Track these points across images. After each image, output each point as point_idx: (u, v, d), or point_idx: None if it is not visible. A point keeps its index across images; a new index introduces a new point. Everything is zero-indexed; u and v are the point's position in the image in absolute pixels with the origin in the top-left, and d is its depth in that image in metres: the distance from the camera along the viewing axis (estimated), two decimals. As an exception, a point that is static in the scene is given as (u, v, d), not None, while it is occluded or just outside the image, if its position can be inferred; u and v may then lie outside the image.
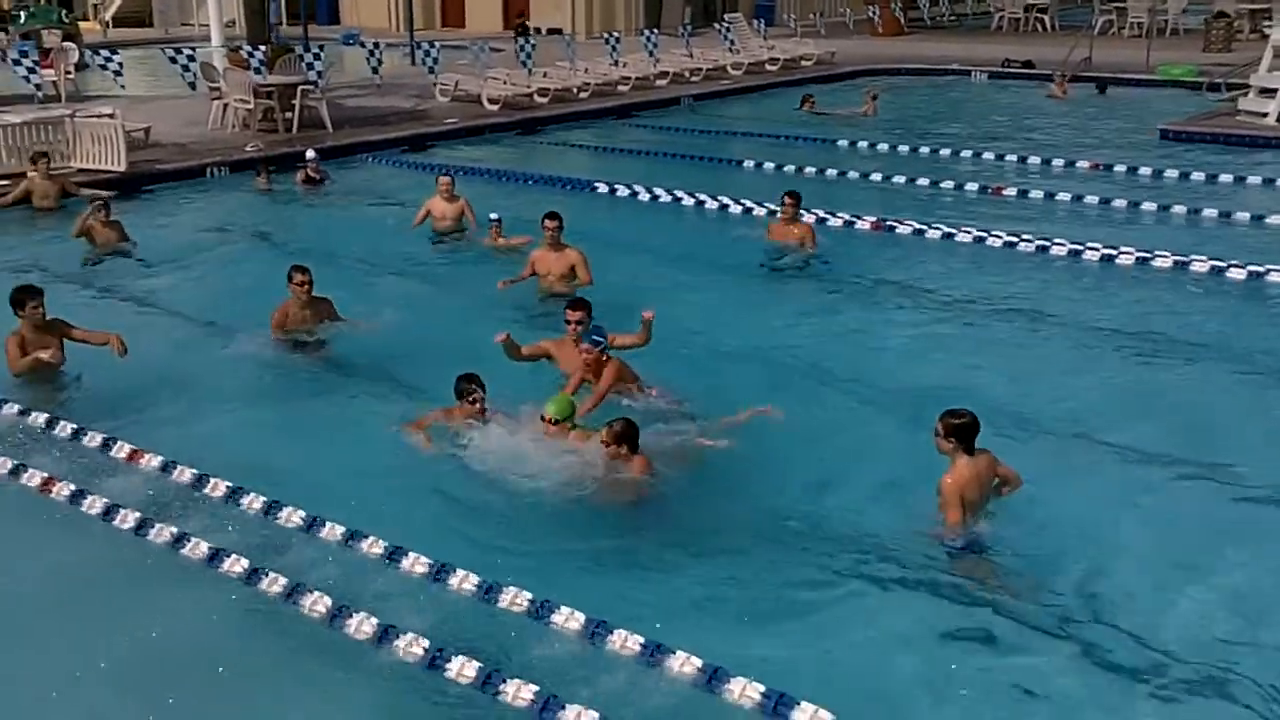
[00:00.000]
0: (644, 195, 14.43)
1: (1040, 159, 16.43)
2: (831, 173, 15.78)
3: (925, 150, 17.32)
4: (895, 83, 25.06)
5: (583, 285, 10.07)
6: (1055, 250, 11.58)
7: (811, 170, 15.90)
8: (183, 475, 6.90)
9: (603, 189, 14.76)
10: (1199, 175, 14.96)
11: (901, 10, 35.17)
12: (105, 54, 17.40)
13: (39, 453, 7.28)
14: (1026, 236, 11.97)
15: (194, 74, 18.25)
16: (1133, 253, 11.29)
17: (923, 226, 12.52)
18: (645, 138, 19.11)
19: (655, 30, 26.04)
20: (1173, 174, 15.08)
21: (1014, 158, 16.59)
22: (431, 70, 21.34)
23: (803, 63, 27.03)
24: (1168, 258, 11.09)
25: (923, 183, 15.01)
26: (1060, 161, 16.18)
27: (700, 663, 5.06)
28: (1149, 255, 11.19)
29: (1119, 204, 13.68)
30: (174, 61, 18.14)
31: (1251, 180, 14.78)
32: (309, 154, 15.16)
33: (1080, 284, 10.96)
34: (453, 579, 5.78)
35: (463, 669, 5.07)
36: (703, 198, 14.03)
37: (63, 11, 29.90)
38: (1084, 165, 15.85)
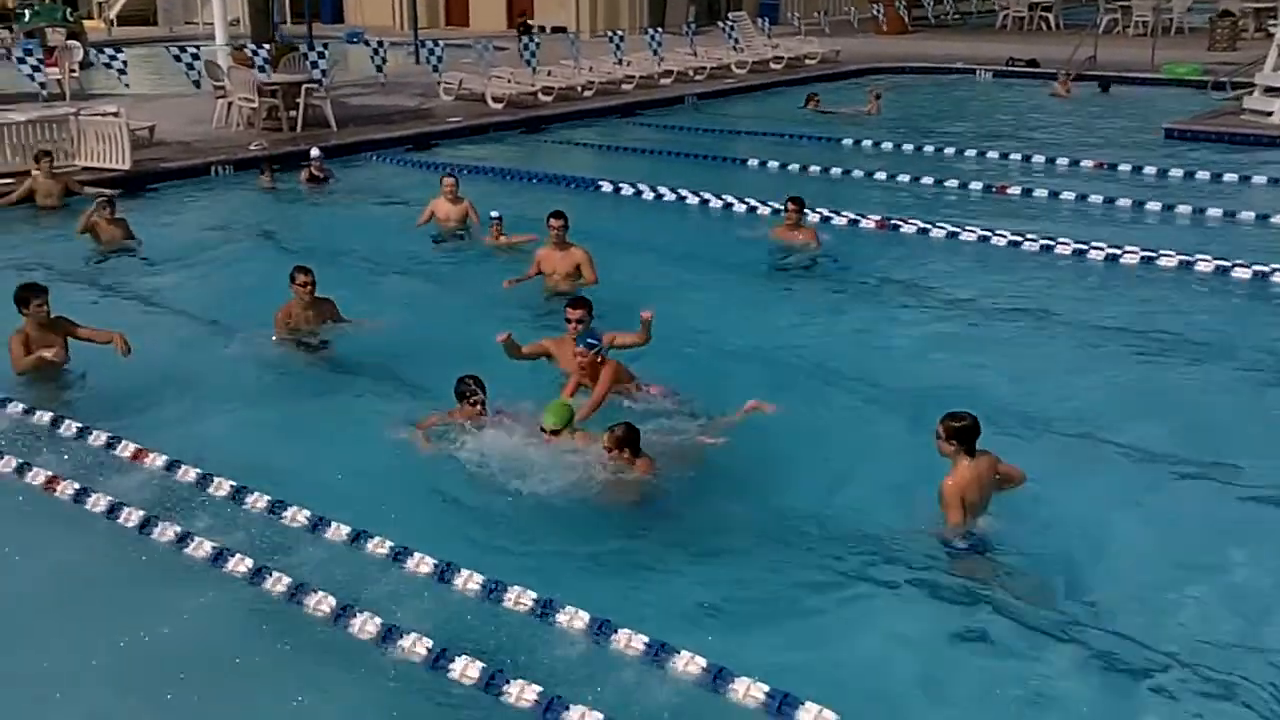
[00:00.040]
0: (648, 194, 14.42)
1: (1045, 158, 16.40)
2: (836, 172, 15.77)
3: (930, 149, 17.28)
4: (900, 81, 25.08)
5: (588, 284, 10.07)
6: (1060, 249, 11.57)
7: (816, 169, 15.89)
8: (187, 474, 6.90)
9: (607, 188, 14.75)
10: (1204, 174, 14.94)
11: (906, 9, 35.20)
12: (110, 52, 17.36)
13: (43, 451, 7.29)
14: (1031, 236, 11.96)
15: (198, 72, 18.24)
16: (1137, 252, 11.28)
17: (927, 225, 12.51)
18: (649, 136, 19.08)
19: (659, 29, 26.08)
20: (1177, 173, 15.06)
21: (1018, 157, 16.56)
22: (436, 69, 21.35)
23: (807, 61, 27.01)
24: (1173, 257, 11.08)
25: (927, 181, 14.99)
26: (1065, 160, 16.15)
27: (705, 662, 5.06)
28: (1154, 255, 11.18)
29: (1123, 203, 13.65)
30: (178, 60, 18.12)
31: (1257, 179, 14.76)
32: (313, 152, 15.17)
33: (1085, 283, 10.96)
34: (457, 579, 5.78)
35: (466, 669, 5.07)
36: (707, 196, 14.02)
37: (67, 10, 29.82)
38: (1089, 164, 15.82)
